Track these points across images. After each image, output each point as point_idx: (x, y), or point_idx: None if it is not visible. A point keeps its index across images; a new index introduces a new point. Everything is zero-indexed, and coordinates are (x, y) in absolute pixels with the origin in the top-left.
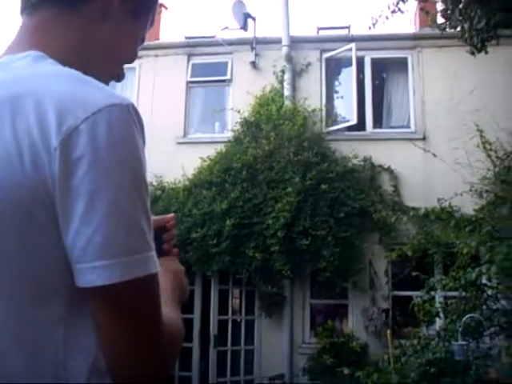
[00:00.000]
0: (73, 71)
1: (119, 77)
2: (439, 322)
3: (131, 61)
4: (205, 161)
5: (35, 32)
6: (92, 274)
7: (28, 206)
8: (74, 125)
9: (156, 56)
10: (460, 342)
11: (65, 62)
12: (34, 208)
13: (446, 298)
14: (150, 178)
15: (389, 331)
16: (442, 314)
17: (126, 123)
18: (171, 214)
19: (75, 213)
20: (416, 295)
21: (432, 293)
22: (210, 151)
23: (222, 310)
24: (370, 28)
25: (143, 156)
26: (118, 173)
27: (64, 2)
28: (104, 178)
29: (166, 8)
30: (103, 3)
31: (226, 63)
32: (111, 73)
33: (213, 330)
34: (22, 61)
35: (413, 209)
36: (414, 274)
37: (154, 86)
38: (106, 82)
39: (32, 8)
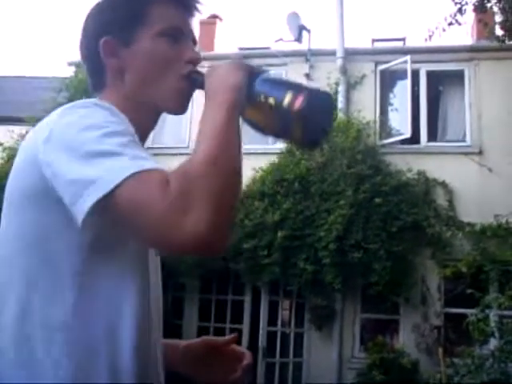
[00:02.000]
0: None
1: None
2: (494, 342)
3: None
4: (257, 172)
5: None
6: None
7: None
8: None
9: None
10: None
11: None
12: None
13: (501, 317)
14: None
15: (441, 349)
16: (497, 334)
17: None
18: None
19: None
20: (470, 313)
21: (487, 311)
22: (263, 162)
23: (272, 321)
24: (426, 40)
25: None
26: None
27: (97, 89)
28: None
29: (220, 20)
30: (112, 68)
31: (280, 75)
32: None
33: (262, 341)
34: None
35: (468, 224)
36: (468, 291)
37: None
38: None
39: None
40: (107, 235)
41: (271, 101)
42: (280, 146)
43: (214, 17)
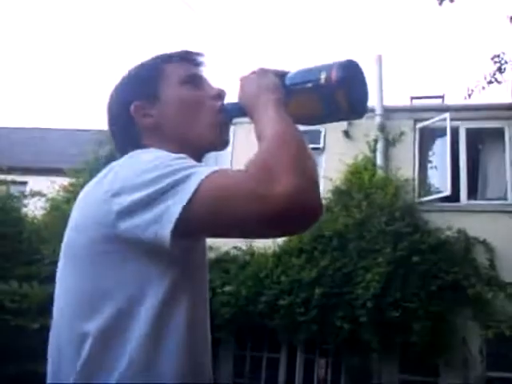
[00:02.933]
0: None
1: (220, 143)
2: None
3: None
4: None
5: None
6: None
7: None
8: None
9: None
10: None
11: None
12: None
13: None
14: (240, 242)
15: None
16: None
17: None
18: None
19: None
20: None
21: None
22: None
23: (307, 380)
24: (465, 98)
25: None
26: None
27: (127, 151)
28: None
29: None
30: (148, 126)
31: (320, 132)
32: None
33: None
34: None
35: (510, 284)
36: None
37: (249, 149)
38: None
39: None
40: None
41: (309, 85)
42: None
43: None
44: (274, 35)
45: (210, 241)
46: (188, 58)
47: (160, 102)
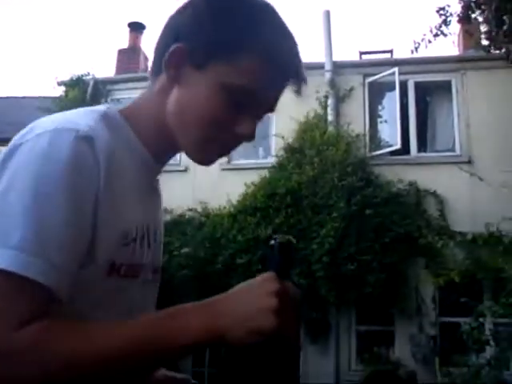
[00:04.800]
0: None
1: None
2: (490, 350)
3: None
4: (249, 187)
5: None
6: None
7: None
8: (18, 142)
9: None
10: None
11: (150, 135)
12: None
13: (496, 325)
14: (195, 204)
15: (437, 359)
16: (492, 342)
17: (51, 144)
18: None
19: None
20: (465, 322)
21: (481, 319)
22: (254, 177)
23: None
24: (412, 52)
25: (66, 179)
26: (17, 181)
27: (152, 80)
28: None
29: None
30: (168, 77)
31: None
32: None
33: None
34: None
35: (460, 234)
36: (462, 300)
37: None
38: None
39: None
40: None
41: None
42: (271, 160)
43: None
44: None
45: (165, 203)
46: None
47: (195, 74)
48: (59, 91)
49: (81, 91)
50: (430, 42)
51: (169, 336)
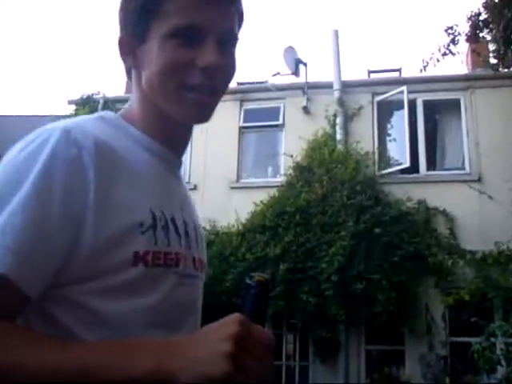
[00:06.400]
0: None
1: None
2: (501, 370)
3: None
4: (258, 205)
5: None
6: None
7: None
8: None
9: None
10: None
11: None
12: None
13: (507, 344)
14: (204, 222)
15: (448, 379)
16: (503, 362)
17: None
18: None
19: None
20: (475, 341)
21: (492, 339)
22: (263, 196)
23: (276, 355)
24: (421, 71)
25: (36, 173)
26: None
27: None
28: None
29: None
30: (128, 67)
31: (279, 108)
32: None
33: None
34: None
35: (470, 252)
36: (472, 319)
37: (207, 133)
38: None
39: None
40: None
41: None
42: (280, 179)
43: None
44: None
45: None
46: None
47: (144, 46)
48: (69, 110)
49: (91, 110)
50: (438, 60)
51: (119, 366)
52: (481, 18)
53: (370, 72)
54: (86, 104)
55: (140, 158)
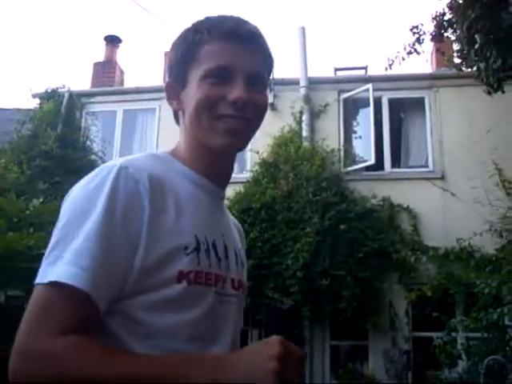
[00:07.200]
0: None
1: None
2: (462, 365)
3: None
4: None
5: None
6: None
7: None
8: None
9: None
10: None
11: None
12: None
13: (467, 339)
14: None
15: (410, 374)
16: (464, 356)
17: (92, 180)
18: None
19: None
20: (437, 336)
21: (453, 334)
22: (229, 192)
23: None
24: (386, 69)
25: (101, 202)
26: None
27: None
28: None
29: None
30: (175, 109)
31: None
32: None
33: None
34: None
35: (432, 248)
36: (434, 314)
37: (174, 127)
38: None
39: None
40: None
41: None
42: (246, 175)
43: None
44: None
45: None
46: (232, 35)
47: (186, 90)
48: (33, 103)
49: (56, 104)
50: (403, 59)
51: (181, 377)
52: (445, 18)
53: (336, 69)
54: (51, 98)
55: (187, 190)
